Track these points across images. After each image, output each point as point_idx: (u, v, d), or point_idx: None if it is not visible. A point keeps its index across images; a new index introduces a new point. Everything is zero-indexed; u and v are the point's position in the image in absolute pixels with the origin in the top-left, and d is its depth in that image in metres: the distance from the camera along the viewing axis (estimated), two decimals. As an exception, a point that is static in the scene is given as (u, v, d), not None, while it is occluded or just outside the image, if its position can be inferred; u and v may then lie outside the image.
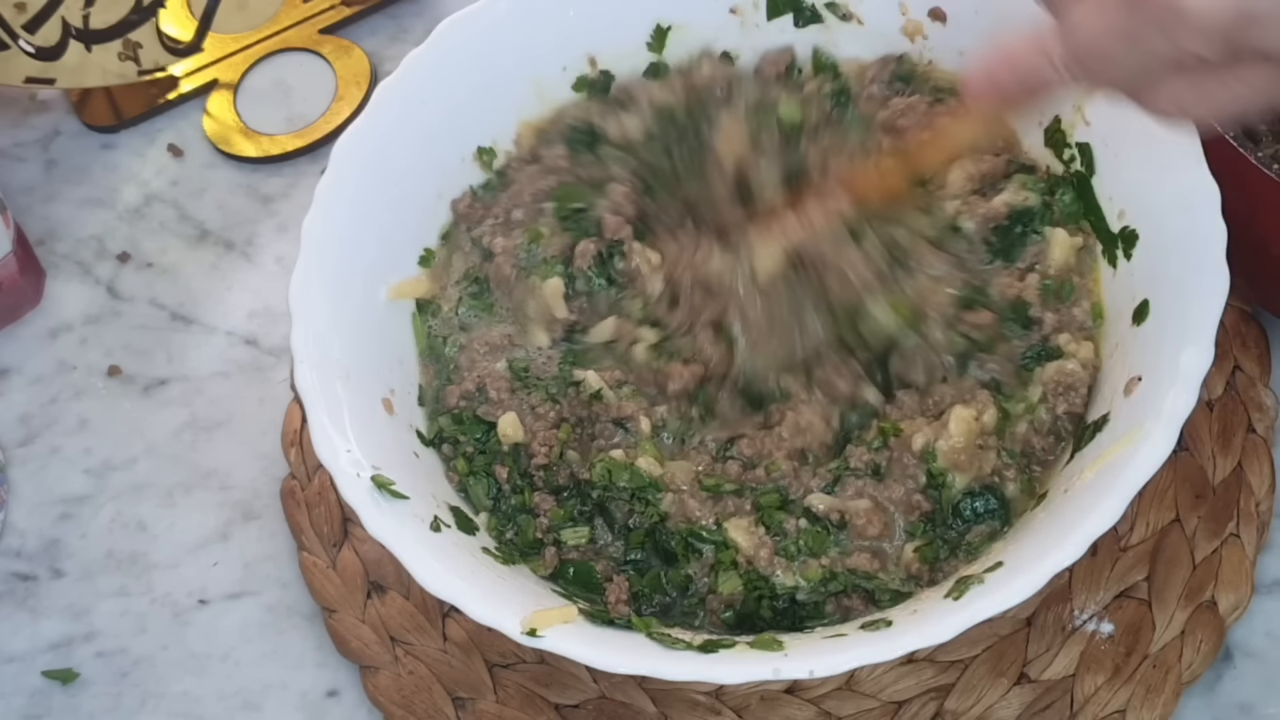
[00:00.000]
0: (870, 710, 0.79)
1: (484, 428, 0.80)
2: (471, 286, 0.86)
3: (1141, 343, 0.73)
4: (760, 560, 0.74)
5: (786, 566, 0.74)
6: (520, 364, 0.82)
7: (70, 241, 1.02)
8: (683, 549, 0.75)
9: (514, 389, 0.81)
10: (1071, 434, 0.76)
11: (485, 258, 0.86)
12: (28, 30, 0.97)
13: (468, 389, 0.81)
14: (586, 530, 0.77)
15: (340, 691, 0.84)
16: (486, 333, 0.84)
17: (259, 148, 1.05)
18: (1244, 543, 0.82)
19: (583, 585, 0.76)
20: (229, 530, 0.90)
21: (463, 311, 0.85)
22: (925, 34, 0.87)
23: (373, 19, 1.11)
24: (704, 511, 0.76)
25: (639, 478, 0.77)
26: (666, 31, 0.91)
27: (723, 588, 0.74)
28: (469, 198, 0.88)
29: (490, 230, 0.86)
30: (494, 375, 0.81)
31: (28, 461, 0.93)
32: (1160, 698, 0.78)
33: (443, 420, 0.81)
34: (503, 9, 0.86)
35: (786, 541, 0.75)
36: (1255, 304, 0.89)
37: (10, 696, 0.85)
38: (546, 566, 0.76)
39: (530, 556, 0.77)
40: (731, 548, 0.74)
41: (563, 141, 0.88)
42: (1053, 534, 0.68)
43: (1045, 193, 0.81)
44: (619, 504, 0.77)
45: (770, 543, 0.75)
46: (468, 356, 0.83)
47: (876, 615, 0.71)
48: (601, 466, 0.77)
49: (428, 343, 0.84)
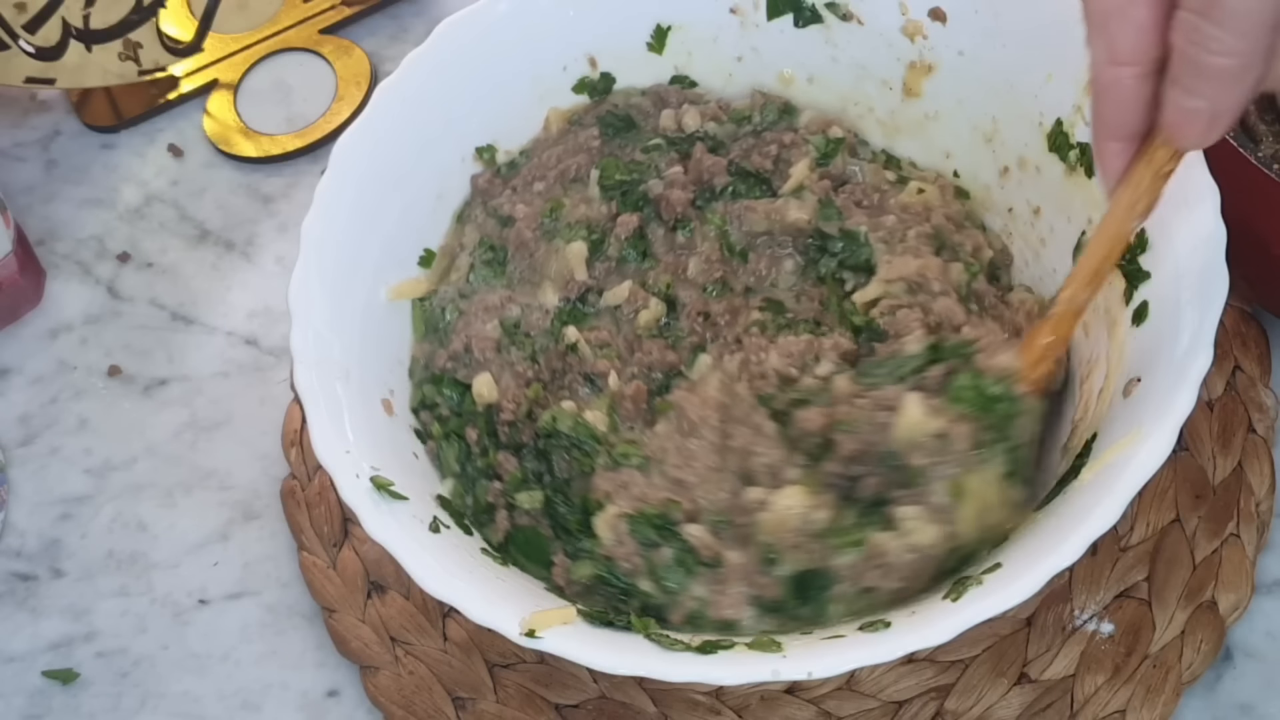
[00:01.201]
0: (870, 710, 0.79)
1: (460, 389, 0.81)
2: (485, 254, 0.86)
3: (1141, 343, 0.73)
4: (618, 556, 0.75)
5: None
6: (512, 320, 0.83)
7: (70, 241, 1.02)
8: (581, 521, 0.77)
9: (500, 347, 0.82)
10: None
11: (503, 224, 0.87)
12: (28, 30, 0.97)
13: (455, 349, 0.82)
14: (541, 494, 0.78)
15: (340, 691, 0.84)
16: (486, 297, 0.85)
17: (259, 148, 1.05)
18: (1244, 543, 0.82)
19: (532, 557, 0.76)
20: (229, 530, 0.90)
21: (472, 278, 0.86)
22: (925, 34, 0.87)
23: (373, 19, 1.11)
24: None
25: (582, 429, 0.78)
26: (666, 31, 0.91)
27: (577, 573, 0.75)
28: (489, 174, 0.89)
29: (509, 200, 0.88)
30: (481, 336, 0.82)
31: (28, 461, 0.93)
32: (1160, 698, 0.78)
33: (426, 388, 0.82)
34: (503, 9, 0.86)
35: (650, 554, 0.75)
36: (1255, 304, 0.89)
37: (10, 696, 0.85)
38: (498, 532, 0.77)
39: (484, 524, 0.78)
40: (598, 537, 0.76)
41: (597, 124, 0.90)
42: (1052, 535, 0.68)
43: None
44: (559, 453, 0.78)
45: (632, 544, 0.75)
46: (464, 321, 0.84)
47: (875, 616, 0.71)
48: (548, 415, 0.79)
49: (425, 320, 0.85)
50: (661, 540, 0.75)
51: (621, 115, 0.91)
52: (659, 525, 0.75)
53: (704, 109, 0.91)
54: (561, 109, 0.91)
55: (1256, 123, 0.85)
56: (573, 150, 0.89)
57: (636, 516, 0.75)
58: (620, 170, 0.89)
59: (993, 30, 0.84)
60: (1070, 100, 0.81)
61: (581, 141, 0.89)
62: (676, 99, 0.92)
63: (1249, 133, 0.85)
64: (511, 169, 0.89)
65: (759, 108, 0.91)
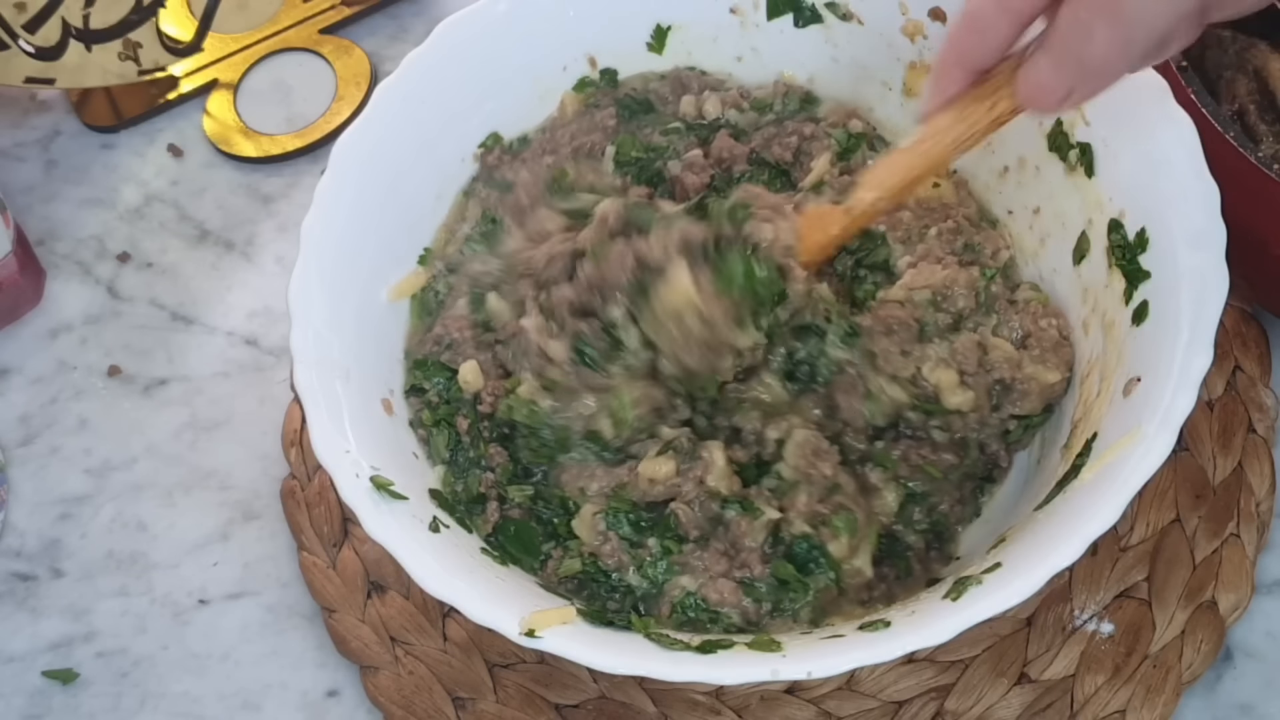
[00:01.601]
0: (870, 710, 0.79)
1: (447, 374, 0.81)
2: (485, 226, 0.86)
3: (1141, 343, 0.73)
4: (603, 554, 0.76)
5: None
6: (483, 286, 0.83)
7: (70, 241, 1.02)
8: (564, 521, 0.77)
9: (475, 328, 0.82)
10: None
11: (503, 190, 0.87)
12: (28, 30, 0.97)
13: (438, 333, 0.82)
14: (531, 489, 0.78)
15: (340, 691, 0.84)
16: (471, 267, 0.84)
17: (259, 148, 1.05)
18: (1244, 543, 0.82)
19: (523, 547, 0.77)
20: (229, 530, 0.90)
21: (465, 250, 0.85)
22: (925, 34, 0.87)
23: (373, 19, 1.11)
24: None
25: (536, 415, 0.78)
26: (666, 31, 0.91)
27: (565, 569, 0.76)
28: (498, 151, 0.89)
29: (513, 168, 0.87)
30: (457, 318, 0.82)
31: (28, 461, 0.93)
32: (1160, 698, 0.78)
33: (415, 373, 0.82)
34: (503, 9, 0.86)
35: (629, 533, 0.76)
36: (1255, 304, 0.89)
37: (10, 696, 0.85)
38: (487, 522, 0.77)
39: (475, 514, 0.78)
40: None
41: (614, 105, 0.90)
42: (1052, 535, 0.68)
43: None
44: (524, 444, 0.78)
45: (614, 539, 0.76)
46: (452, 299, 0.84)
47: (875, 616, 0.71)
48: (504, 405, 0.78)
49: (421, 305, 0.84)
50: (639, 534, 0.75)
51: (640, 99, 0.90)
52: (634, 519, 0.75)
53: (724, 95, 0.91)
54: (577, 93, 0.91)
55: (1256, 123, 0.85)
56: (588, 129, 0.89)
57: (612, 510, 0.75)
58: (637, 148, 0.88)
59: (993, 30, 0.84)
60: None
61: (598, 121, 0.89)
62: (697, 85, 0.91)
63: (1249, 133, 0.85)
64: (523, 144, 0.89)
65: (780, 96, 0.91)
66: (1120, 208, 0.78)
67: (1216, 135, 0.77)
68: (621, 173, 0.88)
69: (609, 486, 0.77)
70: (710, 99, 0.90)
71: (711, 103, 0.90)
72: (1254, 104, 0.86)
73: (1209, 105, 0.78)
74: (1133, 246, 0.76)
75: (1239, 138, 0.77)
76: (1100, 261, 0.79)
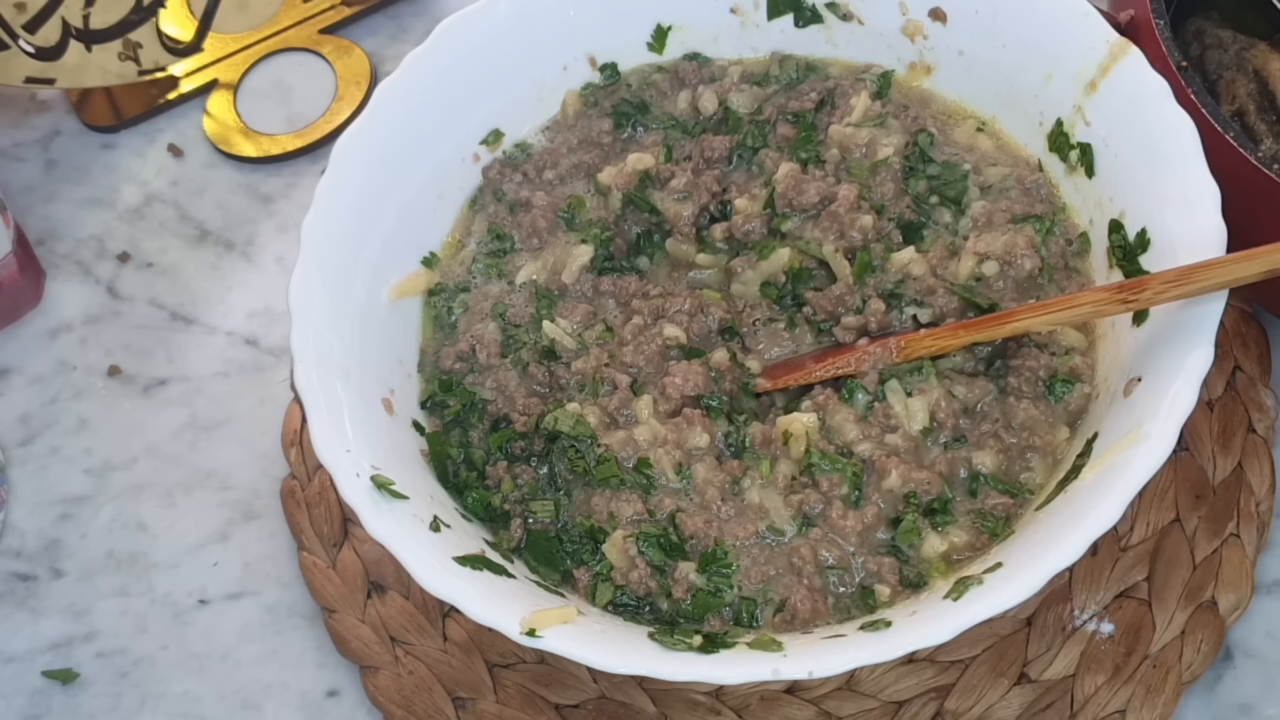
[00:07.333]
0: (870, 710, 0.79)
1: (468, 396, 0.82)
2: (492, 242, 0.87)
3: (1141, 343, 0.73)
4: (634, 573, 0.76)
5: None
6: (501, 309, 0.84)
7: (70, 241, 1.02)
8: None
9: (504, 350, 0.82)
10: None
11: (512, 210, 0.88)
12: (28, 30, 0.97)
13: (461, 349, 0.83)
14: (553, 505, 0.78)
15: (340, 691, 0.84)
16: (485, 288, 0.85)
17: (259, 148, 1.05)
18: (1244, 543, 0.82)
19: (546, 562, 0.76)
20: (229, 530, 0.90)
21: (475, 268, 0.86)
22: (925, 34, 0.87)
23: (373, 19, 1.11)
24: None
25: (582, 427, 0.78)
26: (667, 31, 0.91)
27: (599, 600, 0.75)
28: (499, 164, 0.89)
29: (518, 185, 0.88)
30: (484, 338, 0.83)
31: (28, 461, 0.93)
32: (1160, 698, 0.78)
33: (437, 388, 0.82)
34: (503, 9, 0.86)
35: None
36: (1255, 304, 0.89)
37: (10, 696, 0.85)
38: (512, 538, 0.77)
39: (497, 528, 0.78)
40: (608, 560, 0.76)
41: (611, 115, 0.90)
42: (1052, 535, 0.68)
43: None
44: (561, 457, 0.78)
45: (644, 566, 0.75)
46: (467, 319, 0.84)
47: (875, 616, 0.71)
48: (550, 417, 0.78)
49: (433, 315, 0.85)
50: (670, 561, 0.75)
51: (635, 102, 0.91)
52: (665, 545, 0.75)
53: (720, 86, 0.90)
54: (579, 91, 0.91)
55: (1256, 123, 0.85)
56: (586, 143, 0.89)
57: (644, 536, 0.75)
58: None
59: (993, 30, 0.84)
60: (1070, 100, 0.81)
61: (594, 136, 0.90)
62: (694, 78, 0.91)
63: (1249, 133, 0.85)
64: (522, 151, 0.90)
65: (778, 62, 0.91)
66: (1121, 208, 0.78)
67: (1216, 135, 0.77)
68: (626, 211, 0.87)
69: (641, 514, 0.77)
70: (705, 94, 0.90)
71: (706, 98, 0.90)
72: (1254, 104, 0.86)
73: (1209, 105, 0.78)
74: (1133, 247, 0.76)
75: (1239, 138, 0.77)
76: (1101, 261, 0.79)
